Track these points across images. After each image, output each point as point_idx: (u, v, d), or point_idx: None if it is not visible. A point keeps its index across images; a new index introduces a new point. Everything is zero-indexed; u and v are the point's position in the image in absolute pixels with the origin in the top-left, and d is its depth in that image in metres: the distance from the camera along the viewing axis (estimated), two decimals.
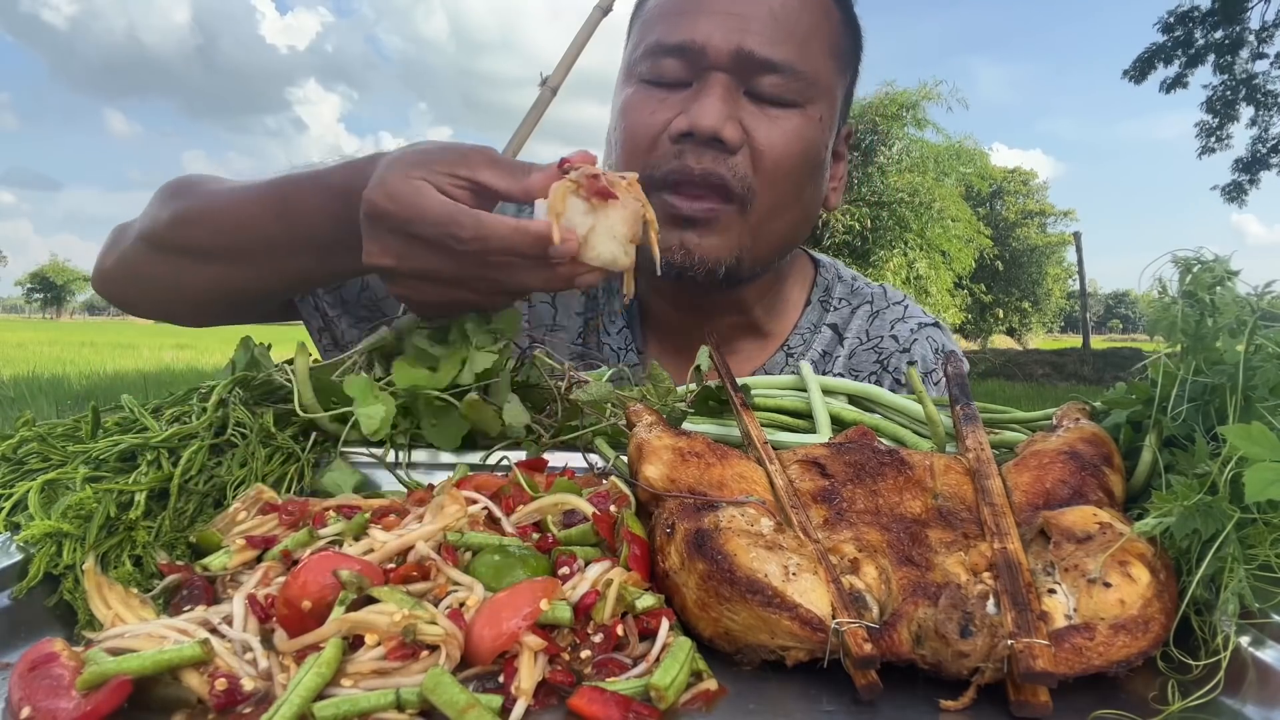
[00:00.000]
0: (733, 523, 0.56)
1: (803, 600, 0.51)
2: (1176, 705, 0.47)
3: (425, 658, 0.46)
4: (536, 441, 0.84)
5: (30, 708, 0.42)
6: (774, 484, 0.63)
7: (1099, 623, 0.50)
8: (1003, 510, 0.59)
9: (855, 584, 0.54)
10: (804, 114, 1.02)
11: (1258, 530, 0.51)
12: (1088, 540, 0.55)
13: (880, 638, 0.50)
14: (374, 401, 0.77)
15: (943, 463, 0.65)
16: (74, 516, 0.58)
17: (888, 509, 0.61)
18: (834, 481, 0.63)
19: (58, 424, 0.72)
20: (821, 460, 0.65)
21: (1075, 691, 0.50)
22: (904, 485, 0.63)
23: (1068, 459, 0.63)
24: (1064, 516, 0.57)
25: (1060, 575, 0.53)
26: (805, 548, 0.55)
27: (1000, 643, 0.48)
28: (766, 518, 0.58)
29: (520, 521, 0.63)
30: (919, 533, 0.58)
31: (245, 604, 0.51)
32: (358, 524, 0.59)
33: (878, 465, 0.65)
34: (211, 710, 0.44)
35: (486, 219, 0.73)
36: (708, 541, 0.54)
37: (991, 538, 0.57)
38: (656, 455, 0.64)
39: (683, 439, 0.66)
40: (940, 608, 0.49)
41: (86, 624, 0.54)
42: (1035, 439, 0.70)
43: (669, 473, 0.63)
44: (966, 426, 0.71)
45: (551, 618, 0.49)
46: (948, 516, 0.60)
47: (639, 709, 0.44)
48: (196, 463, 0.67)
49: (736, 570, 0.52)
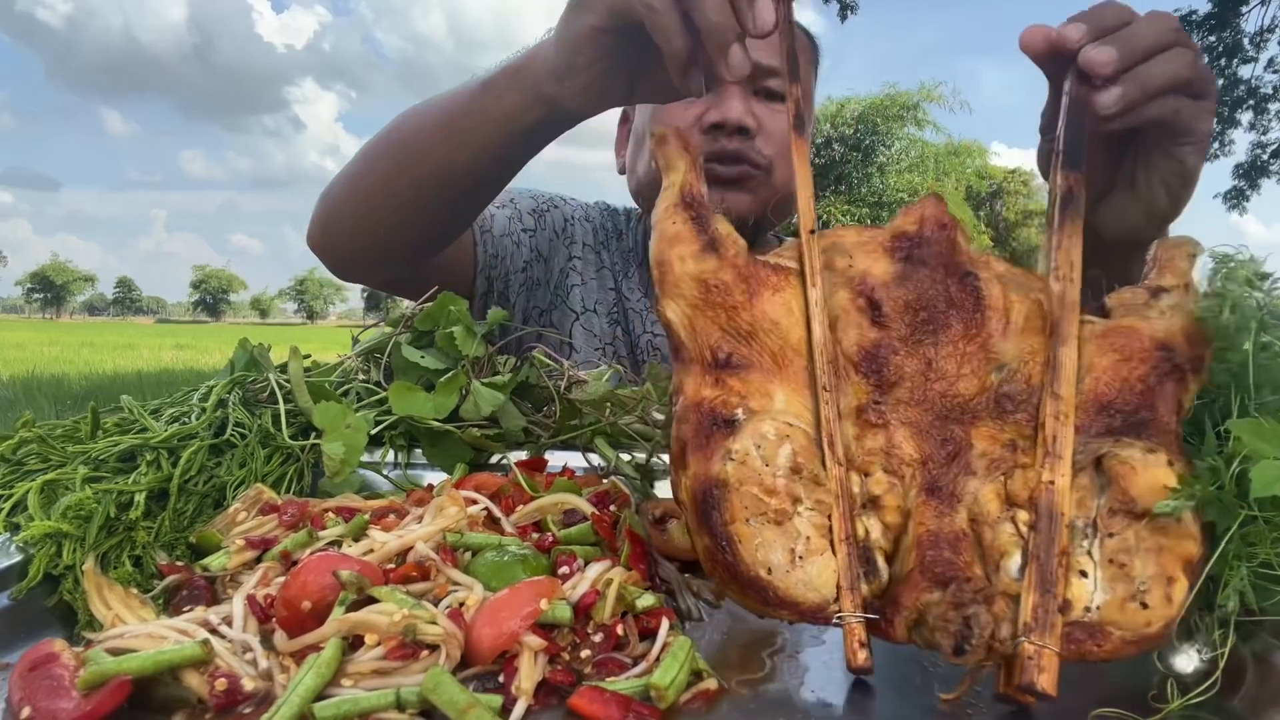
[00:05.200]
0: (746, 467, 0.50)
1: (805, 593, 0.48)
2: (1176, 704, 0.47)
3: (425, 658, 0.46)
4: (536, 442, 0.84)
5: (30, 708, 0.42)
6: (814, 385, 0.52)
7: (1115, 632, 0.48)
8: (1066, 414, 0.51)
9: (870, 531, 0.50)
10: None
11: (1258, 529, 0.51)
12: (1145, 519, 0.49)
13: (877, 625, 0.49)
14: (341, 435, 0.74)
15: (1023, 310, 0.55)
16: (74, 517, 0.58)
17: (939, 392, 0.53)
18: (886, 333, 0.54)
19: (57, 425, 0.72)
20: (878, 293, 0.54)
21: (1075, 691, 0.50)
22: (969, 342, 0.54)
23: (1160, 356, 0.54)
24: (1133, 476, 0.50)
25: (1100, 552, 0.49)
26: (823, 488, 0.51)
27: (1005, 640, 0.46)
28: (785, 443, 0.51)
29: (520, 521, 0.63)
30: (964, 436, 0.52)
31: (245, 604, 0.51)
32: (357, 525, 0.59)
33: (945, 306, 0.54)
34: (211, 710, 0.44)
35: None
36: (713, 513, 0.49)
37: (1044, 460, 0.50)
38: (678, 287, 0.55)
39: (709, 259, 0.55)
40: (942, 604, 0.47)
41: (86, 624, 0.54)
42: (1134, 298, 0.58)
43: (691, 317, 0.54)
44: (1063, 225, 0.57)
45: (551, 617, 0.49)
46: (1004, 403, 0.53)
47: (639, 708, 0.44)
48: (196, 463, 0.67)
49: (739, 567, 0.49)
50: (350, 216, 1.05)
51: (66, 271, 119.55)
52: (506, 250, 1.32)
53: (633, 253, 1.44)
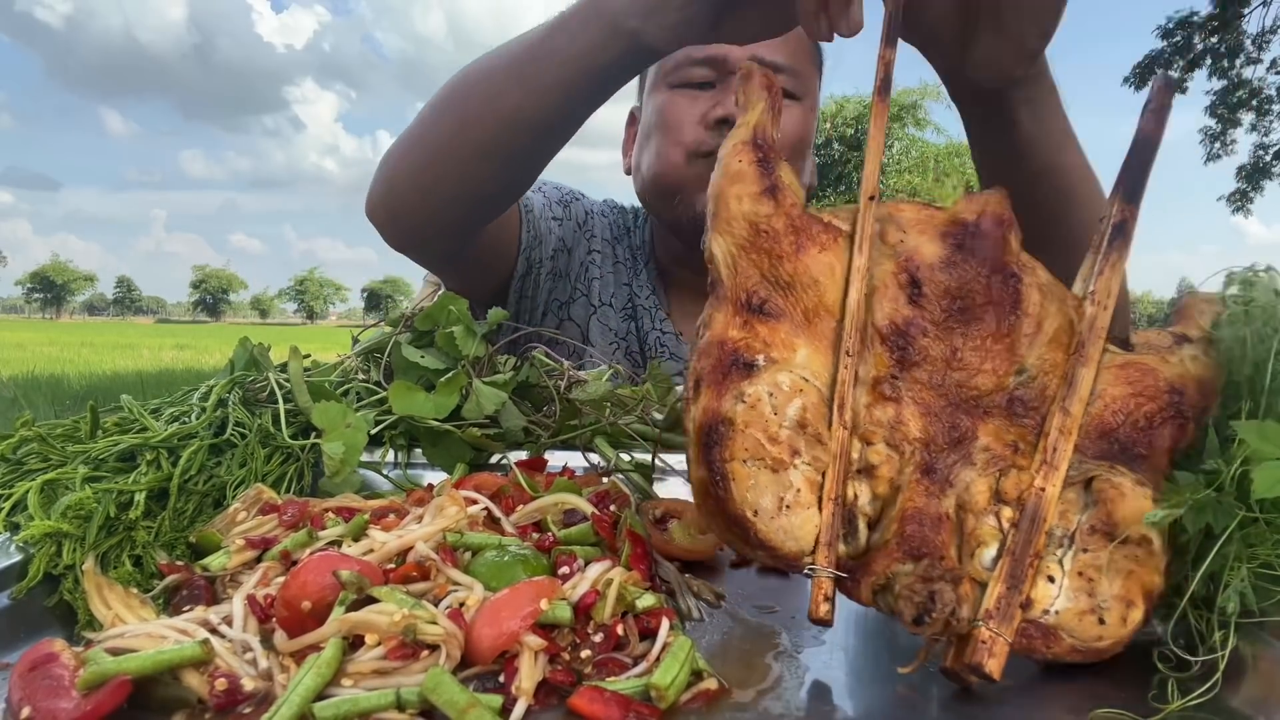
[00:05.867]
0: (755, 411, 0.51)
1: (784, 540, 0.51)
2: (1175, 704, 0.47)
3: (425, 657, 0.46)
4: (536, 442, 0.84)
5: (30, 708, 0.42)
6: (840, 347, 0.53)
7: (1067, 638, 0.50)
8: (1070, 430, 0.53)
9: (859, 496, 0.52)
10: (801, 105, 1.29)
11: (1259, 530, 0.51)
12: (1123, 544, 0.52)
13: (845, 583, 0.50)
14: (341, 434, 0.74)
15: (1055, 323, 0.55)
16: (74, 516, 0.58)
17: (956, 381, 0.54)
18: (920, 313, 0.54)
19: (57, 424, 0.72)
20: (921, 273, 0.55)
21: (1074, 691, 0.50)
22: (997, 341, 0.54)
23: (1170, 399, 0.55)
24: (1120, 501, 0.52)
25: (1071, 563, 0.51)
26: (823, 447, 0.52)
27: (963, 619, 0.48)
28: (798, 397, 0.52)
29: (520, 521, 0.63)
30: (971, 427, 0.53)
31: (245, 604, 0.51)
32: (357, 525, 0.59)
33: (984, 300, 0.55)
34: (211, 710, 0.44)
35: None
36: (715, 448, 0.51)
37: (1040, 466, 0.52)
38: (730, 225, 0.55)
39: (766, 204, 0.55)
40: (911, 576, 0.49)
41: (86, 624, 0.54)
42: (1159, 340, 0.59)
43: (736, 256, 0.55)
44: (1108, 254, 0.57)
45: (551, 617, 0.49)
46: (1016, 406, 0.54)
47: (639, 708, 0.44)
48: (196, 463, 0.67)
49: (729, 504, 0.51)
50: (415, 177, 1.01)
51: (66, 271, 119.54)
52: (543, 232, 1.32)
53: (640, 250, 1.45)
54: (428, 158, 0.99)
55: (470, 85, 0.96)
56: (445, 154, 0.97)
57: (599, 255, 1.42)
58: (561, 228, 1.38)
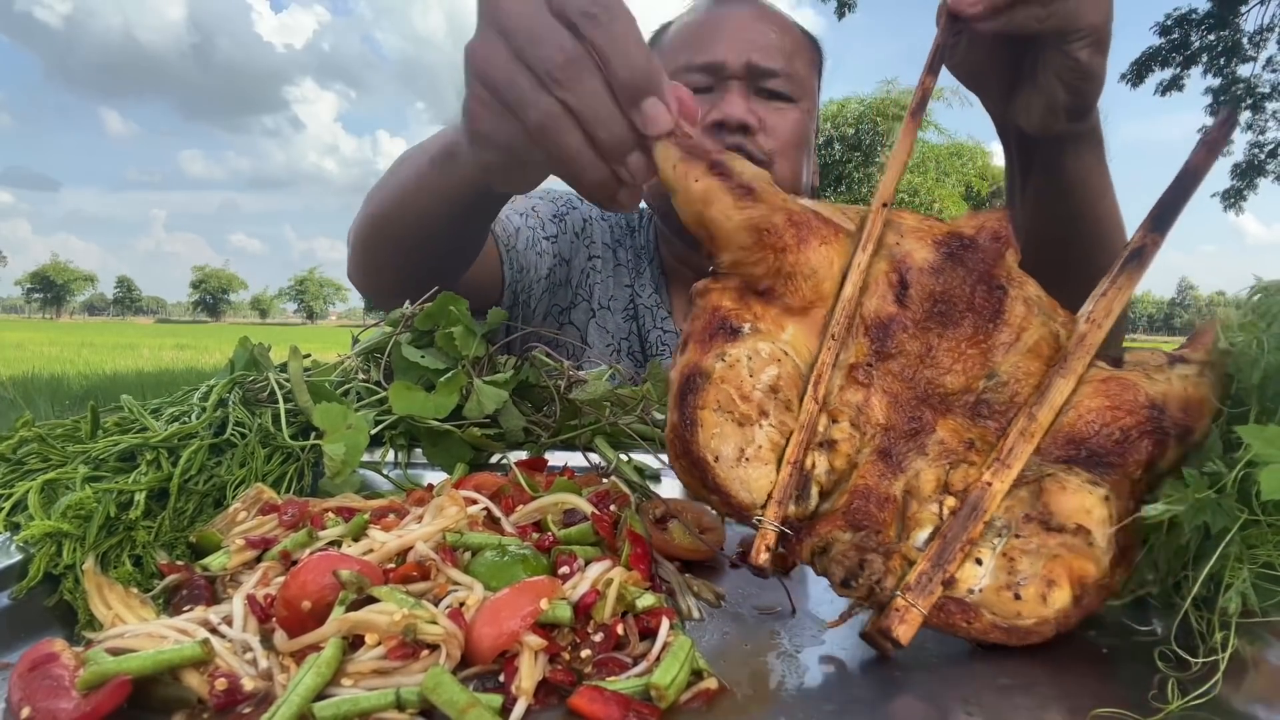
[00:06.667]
0: (733, 370, 0.54)
1: (739, 489, 0.53)
2: (1176, 704, 0.47)
3: (425, 657, 0.46)
4: (536, 442, 0.84)
5: (30, 708, 0.42)
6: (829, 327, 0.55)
7: (986, 614, 0.52)
8: (1033, 434, 0.54)
9: (817, 465, 0.54)
10: (798, 107, 1.33)
11: (1260, 531, 0.51)
12: (1058, 532, 0.53)
13: (788, 540, 0.53)
14: (342, 435, 0.74)
15: (1036, 334, 0.57)
16: (74, 516, 0.58)
17: (927, 377, 0.56)
18: (904, 312, 0.56)
19: (57, 424, 0.72)
20: (910, 275, 0.57)
21: (1074, 691, 0.50)
22: (972, 345, 0.56)
23: (1149, 414, 0.55)
24: (1060, 495, 0.53)
25: (1005, 547, 0.53)
26: (790, 414, 0.54)
27: (886, 589, 0.51)
28: (774, 365, 0.54)
29: (520, 521, 0.63)
30: (931, 421, 0.55)
31: (245, 604, 0.51)
32: (357, 525, 0.59)
33: (965, 306, 0.57)
34: (211, 710, 0.44)
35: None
36: (690, 395, 0.54)
37: (992, 463, 0.54)
38: (730, 240, 0.56)
39: (751, 204, 0.56)
40: (845, 544, 0.52)
41: (86, 624, 0.54)
42: (1150, 360, 0.59)
43: (743, 260, 0.56)
44: (1117, 277, 0.58)
45: (551, 617, 0.49)
46: (981, 408, 0.56)
47: (639, 708, 0.44)
48: (196, 463, 0.67)
49: (692, 445, 0.53)
50: (368, 256, 1.09)
51: (66, 271, 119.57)
52: (531, 262, 1.33)
53: (644, 250, 1.46)
54: (373, 241, 1.06)
55: (379, 206, 1.03)
56: (382, 241, 1.04)
57: (599, 260, 1.44)
58: (556, 244, 1.39)
